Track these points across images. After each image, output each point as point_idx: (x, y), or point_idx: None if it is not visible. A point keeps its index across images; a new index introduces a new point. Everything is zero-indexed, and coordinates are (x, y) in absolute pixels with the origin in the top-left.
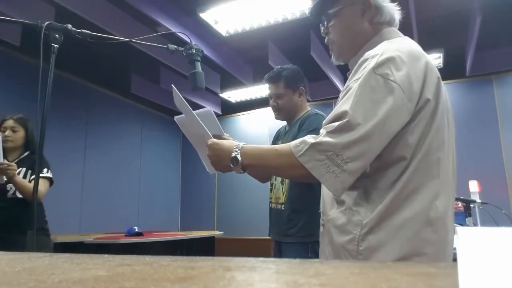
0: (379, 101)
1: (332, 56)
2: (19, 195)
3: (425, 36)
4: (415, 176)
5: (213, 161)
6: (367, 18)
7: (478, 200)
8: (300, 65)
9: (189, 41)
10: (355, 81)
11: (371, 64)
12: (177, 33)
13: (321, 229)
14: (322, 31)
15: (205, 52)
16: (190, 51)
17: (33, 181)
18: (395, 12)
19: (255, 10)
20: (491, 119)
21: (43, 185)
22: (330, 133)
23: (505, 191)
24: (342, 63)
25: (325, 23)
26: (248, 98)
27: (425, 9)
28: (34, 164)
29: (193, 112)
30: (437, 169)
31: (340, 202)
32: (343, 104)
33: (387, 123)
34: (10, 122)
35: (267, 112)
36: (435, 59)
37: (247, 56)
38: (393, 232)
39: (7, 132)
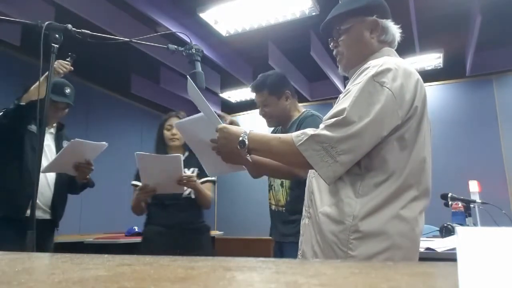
0: (373, 104)
1: (339, 67)
2: (192, 196)
3: (425, 36)
4: (402, 180)
5: (221, 143)
6: (375, 35)
7: (478, 200)
8: (300, 65)
9: (189, 41)
10: (355, 85)
11: (371, 72)
12: (177, 33)
13: (306, 221)
14: (331, 45)
15: (205, 52)
16: (190, 51)
17: (206, 188)
18: (396, 33)
19: (255, 10)
20: (491, 119)
21: (212, 190)
22: (328, 126)
23: (505, 191)
24: (348, 74)
25: (335, 37)
26: (248, 98)
27: (425, 9)
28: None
29: (206, 104)
30: (419, 177)
31: (332, 196)
32: (342, 103)
33: (378, 124)
34: (176, 120)
35: None
36: (435, 59)
37: (247, 56)
38: (380, 227)
39: (174, 130)
